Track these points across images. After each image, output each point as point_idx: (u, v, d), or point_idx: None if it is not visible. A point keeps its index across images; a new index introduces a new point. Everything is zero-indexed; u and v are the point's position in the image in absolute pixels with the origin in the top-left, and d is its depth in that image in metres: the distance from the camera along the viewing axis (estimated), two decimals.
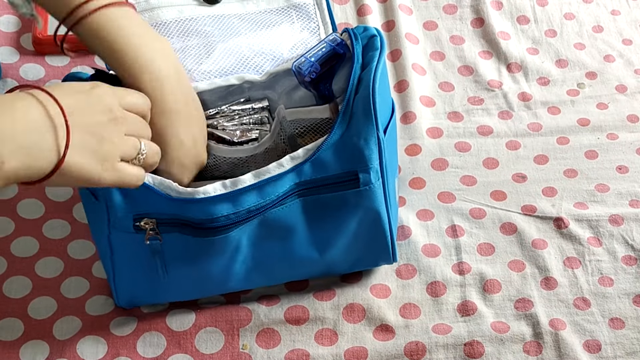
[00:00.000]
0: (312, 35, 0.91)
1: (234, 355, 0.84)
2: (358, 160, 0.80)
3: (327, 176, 0.80)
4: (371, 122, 0.80)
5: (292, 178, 0.79)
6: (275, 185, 0.78)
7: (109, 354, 0.84)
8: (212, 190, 0.76)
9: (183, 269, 0.82)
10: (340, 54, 0.83)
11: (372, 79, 0.79)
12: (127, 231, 0.78)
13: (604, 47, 1.16)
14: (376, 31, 0.83)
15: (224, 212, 0.77)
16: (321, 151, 0.79)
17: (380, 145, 0.81)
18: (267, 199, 0.78)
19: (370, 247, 0.87)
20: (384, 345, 0.84)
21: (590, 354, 0.84)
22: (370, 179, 0.81)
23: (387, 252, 0.87)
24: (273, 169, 0.78)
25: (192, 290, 0.86)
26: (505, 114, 1.08)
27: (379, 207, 0.83)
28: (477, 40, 1.16)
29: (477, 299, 0.88)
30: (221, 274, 0.83)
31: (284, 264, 0.85)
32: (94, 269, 0.90)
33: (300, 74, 0.83)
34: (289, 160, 0.79)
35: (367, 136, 0.80)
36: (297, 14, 0.93)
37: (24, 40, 1.11)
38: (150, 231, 0.78)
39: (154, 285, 0.83)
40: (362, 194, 0.81)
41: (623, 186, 0.99)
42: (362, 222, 0.84)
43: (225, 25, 0.91)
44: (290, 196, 0.80)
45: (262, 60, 0.88)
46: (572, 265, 0.91)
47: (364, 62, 0.81)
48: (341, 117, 0.80)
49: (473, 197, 0.98)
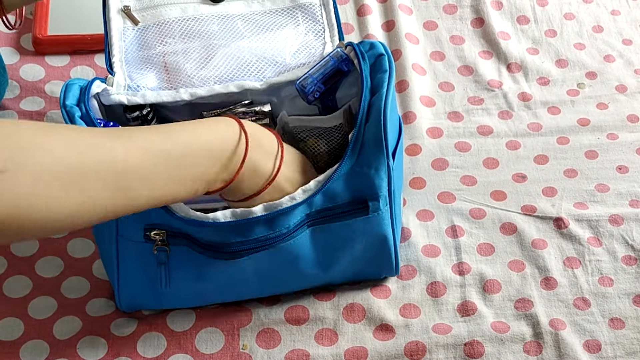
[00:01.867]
0: (316, 38, 0.89)
1: (234, 356, 0.84)
2: (368, 189, 0.80)
3: (336, 205, 0.80)
4: (382, 152, 0.79)
5: (304, 209, 0.79)
6: (286, 218, 0.78)
7: (109, 354, 0.84)
8: (222, 217, 0.76)
9: (186, 281, 0.81)
10: (345, 72, 0.82)
11: (382, 107, 0.77)
12: (136, 240, 0.78)
13: (604, 47, 1.16)
14: (383, 48, 0.81)
15: (231, 240, 0.76)
16: (332, 181, 0.78)
17: (389, 173, 0.80)
18: (277, 230, 0.77)
19: (374, 263, 0.87)
20: (384, 345, 0.84)
21: (590, 354, 0.84)
22: (379, 206, 0.81)
23: (391, 267, 0.88)
24: (285, 202, 0.77)
25: (194, 300, 0.86)
26: (505, 114, 1.08)
27: (386, 231, 0.83)
28: (477, 40, 1.16)
29: (477, 299, 0.88)
30: (223, 288, 0.83)
31: (287, 281, 0.85)
32: (94, 269, 0.90)
33: (304, 93, 0.82)
34: (301, 193, 0.78)
35: (377, 166, 0.79)
36: (303, 15, 0.91)
37: (24, 41, 1.11)
38: (160, 242, 0.78)
39: (156, 292, 0.83)
40: (370, 220, 0.81)
41: (623, 186, 0.99)
42: (368, 244, 0.84)
43: (228, 27, 0.89)
44: (301, 227, 0.79)
45: (263, 66, 0.86)
46: (572, 265, 0.91)
47: (372, 86, 0.79)
48: (352, 147, 0.78)
49: (473, 197, 0.98)
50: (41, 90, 1.06)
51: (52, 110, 1.04)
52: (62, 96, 0.78)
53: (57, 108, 1.04)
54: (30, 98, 1.05)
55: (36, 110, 1.04)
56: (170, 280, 0.81)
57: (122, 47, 0.87)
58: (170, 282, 0.81)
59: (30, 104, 1.04)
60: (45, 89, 1.06)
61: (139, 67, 0.85)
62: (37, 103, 1.04)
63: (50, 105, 1.04)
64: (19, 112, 1.03)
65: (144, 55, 0.87)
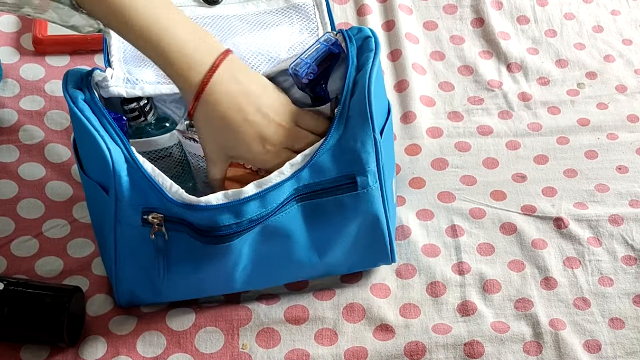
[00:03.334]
0: (311, 36, 0.90)
1: (233, 355, 0.84)
2: (355, 164, 0.80)
3: (325, 180, 0.80)
4: (367, 125, 0.80)
5: (292, 184, 0.79)
6: (277, 193, 0.78)
7: (108, 353, 0.83)
8: (214, 199, 0.76)
9: (184, 270, 0.82)
10: (336, 54, 0.83)
11: (367, 81, 0.79)
12: (134, 224, 0.78)
13: (604, 47, 1.16)
14: (370, 32, 0.83)
15: (225, 222, 0.77)
16: (318, 155, 0.79)
17: (377, 148, 0.80)
18: (269, 207, 0.78)
19: (369, 248, 0.87)
20: (384, 345, 0.84)
21: (590, 354, 0.84)
22: (367, 181, 0.81)
23: (386, 253, 0.87)
24: (274, 177, 0.78)
25: (192, 291, 0.86)
26: (505, 113, 1.08)
27: (377, 209, 0.83)
28: (477, 40, 1.16)
29: (477, 299, 0.88)
30: (222, 277, 0.83)
31: (284, 267, 0.85)
32: (93, 268, 0.90)
33: (298, 76, 0.82)
34: (289, 168, 0.79)
35: (363, 139, 0.80)
36: (297, 14, 0.92)
37: (24, 40, 1.11)
38: (157, 226, 0.78)
39: (154, 284, 0.83)
40: (360, 197, 0.81)
41: (623, 186, 0.99)
42: (361, 224, 0.84)
43: (224, 26, 0.91)
44: (289, 202, 0.80)
45: (259, 61, 0.88)
46: (572, 265, 0.91)
47: (358, 64, 0.81)
48: (337, 121, 0.80)
49: (473, 197, 0.98)
50: (41, 90, 1.06)
51: (52, 110, 1.04)
52: (64, 82, 0.79)
53: (57, 108, 1.04)
54: (30, 97, 1.05)
55: (36, 109, 1.04)
56: (169, 268, 0.81)
57: (120, 47, 0.87)
58: (168, 270, 0.81)
59: (30, 103, 1.04)
60: (45, 88, 1.06)
61: (137, 64, 0.86)
62: (37, 102, 1.04)
63: (50, 104, 1.04)
64: (19, 111, 1.03)
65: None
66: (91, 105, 0.78)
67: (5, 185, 0.96)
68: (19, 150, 0.99)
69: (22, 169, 0.98)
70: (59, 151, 1.00)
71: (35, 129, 1.02)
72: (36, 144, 1.00)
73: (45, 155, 0.99)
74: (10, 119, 1.02)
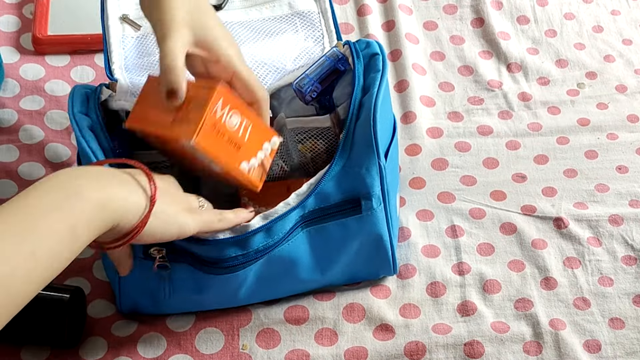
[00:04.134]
0: (316, 44, 0.89)
1: (234, 356, 0.84)
2: (360, 188, 0.80)
3: (329, 205, 0.80)
4: (372, 151, 0.79)
5: (298, 213, 0.79)
6: (283, 224, 0.78)
7: (109, 354, 0.83)
8: (221, 234, 0.76)
9: (188, 293, 0.82)
10: (341, 71, 0.82)
11: (372, 107, 0.78)
12: (136, 256, 0.78)
13: (604, 47, 1.16)
14: (379, 48, 0.82)
15: (231, 254, 0.76)
16: (323, 182, 0.79)
17: (381, 174, 0.80)
18: (275, 237, 0.78)
19: (371, 263, 0.87)
20: (384, 345, 0.84)
21: (590, 354, 0.84)
22: (372, 205, 0.81)
23: (389, 266, 0.88)
24: (280, 208, 0.77)
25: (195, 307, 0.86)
26: (505, 114, 1.08)
27: (381, 230, 0.83)
28: (477, 40, 1.16)
29: (477, 299, 0.88)
30: (225, 297, 0.84)
31: (286, 284, 0.85)
32: (94, 270, 0.90)
33: (301, 93, 0.82)
34: (295, 197, 0.78)
35: (368, 165, 0.80)
36: (302, 22, 0.91)
37: (24, 40, 1.11)
38: (160, 259, 0.78)
39: (157, 301, 0.83)
40: (364, 219, 0.82)
41: (623, 186, 0.99)
42: (364, 244, 0.84)
43: None
44: (295, 230, 0.80)
45: (265, 72, 0.86)
46: (572, 265, 0.91)
47: (365, 85, 0.80)
48: (342, 147, 0.79)
49: (473, 197, 0.98)
50: (41, 89, 1.06)
51: (52, 109, 1.04)
52: (70, 103, 0.78)
53: (57, 107, 1.04)
54: (30, 97, 1.05)
55: (36, 109, 1.04)
56: (172, 291, 0.81)
57: (121, 54, 0.87)
58: (172, 293, 0.82)
59: (30, 103, 1.04)
60: (45, 87, 1.06)
61: (139, 74, 0.86)
62: (37, 102, 1.04)
63: (50, 104, 1.04)
64: (19, 111, 1.03)
65: (144, 62, 0.87)
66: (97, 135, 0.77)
67: (5, 185, 0.96)
68: (19, 150, 0.99)
69: (22, 169, 0.98)
70: (59, 151, 1.00)
71: (35, 128, 1.02)
72: (36, 144, 1.00)
73: (45, 155, 0.99)
74: (10, 118, 1.02)
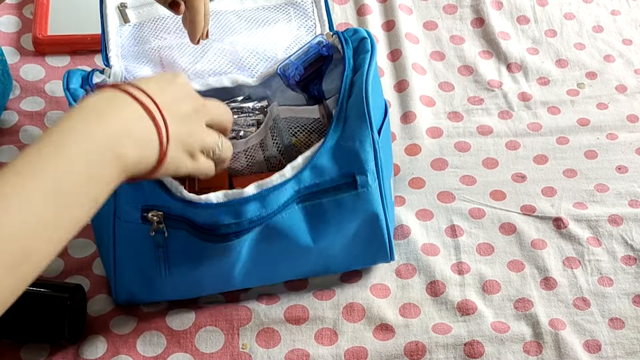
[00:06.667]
0: (308, 34, 0.91)
1: (233, 355, 0.84)
2: (355, 163, 0.81)
3: (325, 180, 0.81)
4: (365, 125, 0.80)
5: (293, 185, 0.79)
6: (277, 195, 0.78)
7: (108, 352, 0.84)
8: (214, 198, 0.76)
9: (183, 267, 0.82)
10: (326, 56, 0.84)
11: (364, 81, 0.80)
12: (133, 222, 0.78)
13: (604, 47, 1.16)
14: (366, 33, 0.84)
15: (225, 221, 0.77)
16: (318, 156, 0.80)
17: (375, 147, 0.81)
18: (269, 209, 0.78)
19: (368, 246, 0.87)
20: (384, 345, 0.84)
21: (590, 354, 0.84)
22: (367, 180, 0.81)
23: (385, 252, 0.88)
24: (275, 179, 0.78)
25: (190, 289, 0.86)
26: (505, 113, 1.08)
27: (377, 208, 0.83)
28: (477, 40, 1.16)
29: (477, 298, 0.88)
30: (220, 275, 0.83)
31: (282, 265, 0.85)
32: (94, 268, 0.91)
33: (285, 77, 0.83)
34: (290, 170, 0.79)
35: (362, 139, 0.80)
36: (295, 11, 0.93)
37: (24, 41, 1.11)
38: (157, 224, 0.78)
39: (153, 281, 0.83)
40: (360, 196, 0.82)
41: (622, 186, 0.99)
42: (360, 223, 0.84)
43: (221, 23, 0.91)
44: (290, 204, 0.80)
45: (256, 60, 0.88)
46: (572, 265, 0.91)
47: (355, 65, 0.82)
48: (335, 122, 0.80)
49: (472, 197, 0.98)
50: (41, 90, 1.06)
51: (52, 110, 1.04)
52: (65, 81, 0.79)
53: (57, 108, 1.04)
54: (30, 98, 1.05)
55: (36, 110, 1.04)
56: (168, 265, 0.81)
57: (118, 42, 0.88)
58: (167, 266, 0.81)
59: (31, 104, 1.04)
60: (46, 88, 1.06)
61: (135, 61, 0.87)
62: (38, 103, 1.05)
63: (50, 105, 1.04)
64: (19, 112, 1.03)
65: (139, 50, 0.88)
66: None
67: None
68: (20, 151, 0.99)
69: None
70: None
71: (36, 129, 1.02)
72: None
73: None
74: (10, 120, 1.03)
